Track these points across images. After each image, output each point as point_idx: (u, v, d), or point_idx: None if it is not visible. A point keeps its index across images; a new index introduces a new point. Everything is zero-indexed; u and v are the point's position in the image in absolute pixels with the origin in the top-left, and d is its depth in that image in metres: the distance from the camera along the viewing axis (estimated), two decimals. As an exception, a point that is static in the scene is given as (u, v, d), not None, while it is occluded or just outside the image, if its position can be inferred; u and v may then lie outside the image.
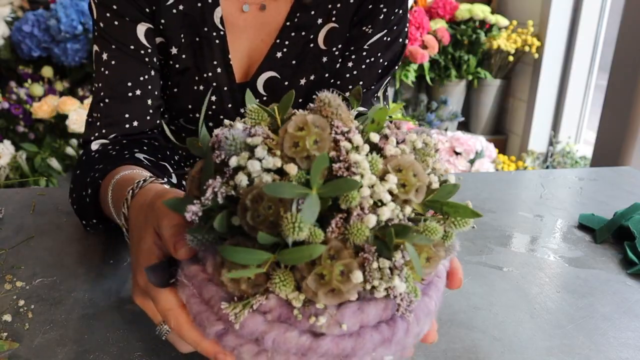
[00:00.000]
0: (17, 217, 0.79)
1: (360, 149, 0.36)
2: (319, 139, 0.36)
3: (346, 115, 0.38)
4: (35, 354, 0.51)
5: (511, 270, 0.69)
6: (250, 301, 0.36)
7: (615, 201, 0.93)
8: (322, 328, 0.35)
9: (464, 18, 2.95)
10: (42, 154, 2.31)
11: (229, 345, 0.38)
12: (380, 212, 0.35)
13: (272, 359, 0.37)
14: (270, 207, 0.34)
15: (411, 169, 0.36)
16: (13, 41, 2.48)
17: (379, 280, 0.34)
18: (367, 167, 0.35)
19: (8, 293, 0.60)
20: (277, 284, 0.34)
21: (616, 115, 2.17)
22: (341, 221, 0.35)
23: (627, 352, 0.55)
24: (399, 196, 0.36)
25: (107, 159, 0.72)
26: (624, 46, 2.14)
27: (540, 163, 2.99)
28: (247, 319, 0.36)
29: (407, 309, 0.37)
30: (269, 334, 0.36)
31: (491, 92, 3.09)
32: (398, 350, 0.39)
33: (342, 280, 0.34)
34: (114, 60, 0.78)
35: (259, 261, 0.34)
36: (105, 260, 0.68)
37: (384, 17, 0.85)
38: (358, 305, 0.36)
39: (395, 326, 0.37)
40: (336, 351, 0.36)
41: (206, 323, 0.38)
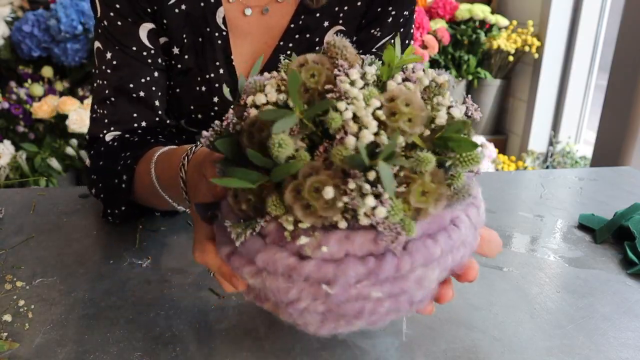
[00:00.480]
0: (17, 217, 0.79)
1: (355, 83, 0.38)
2: (316, 73, 0.38)
3: (352, 56, 0.40)
4: (35, 354, 0.51)
5: (511, 270, 0.69)
6: (252, 223, 0.38)
7: (615, 201, 0.93)
8: (306, 249, 0.37)
9: (464, 18, 2.95)
10: (42, 154, 2.31)
11: (235, 266, 0.41)
12: (361, 134, 0.35)
13: (266, 279, 0.39)
14: (262, 129, 0.37)
15: (403, 99, 0.37)
16: (13, 41, 2.48)
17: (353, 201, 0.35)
18: (359, 96, 0.37)
19: (8, 293, 0.60)
20: (271, 204, 0.36)
21: (616, 115, 2.17)
22: (328, 146, 0.36)
23: (627, 352, 0.55)
24: (388, 125, 0.36)
25: (133, 146, 0.74)
26: (624, 46, 2.14)
27: (540, 163, 2.99)
28: (248, 240, 0.39)
29: (394, 240, 0.36)
30: (261, 254, 0.38)
31: (491, 92, 3.09)
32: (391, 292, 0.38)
33: (315, 196, 0.35)
34: (115, 61, 0.78)
35: (253, 179, 0.36)
36: (105, 260, 0.68)
37: (392, 20, 0.86)
38: (345, 234, 0.37)
39: (384, 260, 0.37)
40: (317, 275, 0.37)
41: (220, 244, 0.42)
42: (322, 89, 0.39)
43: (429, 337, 0.56)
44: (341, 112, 0.36)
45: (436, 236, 0.39)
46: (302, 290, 0.38)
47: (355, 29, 0.86)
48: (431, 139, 0.38)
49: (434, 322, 0.58)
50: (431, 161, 0.35)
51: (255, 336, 0.55)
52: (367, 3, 0.84)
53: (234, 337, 0.55)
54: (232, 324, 0.57)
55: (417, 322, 0.58)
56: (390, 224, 0.36)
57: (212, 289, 0.62)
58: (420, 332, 0.56)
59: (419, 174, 0.36)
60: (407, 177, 0.36)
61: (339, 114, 0.36)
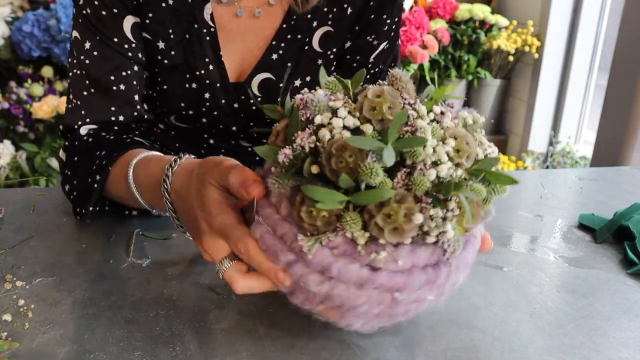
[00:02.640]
0: (17, 217, 0.79)
1: (423, 117, 0.43)
2: (392, 105, 0.43)
3: (412, 90, 0.46)
4: (35, 354, 0.51)
5: (511, 270, 0.69)
6: (321, 237, 0.43)
7: (615, 201, 0.93)
8: (381, 263, 0.43)
9: (464, 18, 2.95)
10: (42, 154, 2.31)
11: (297, 273, 0.45)
12: (439, 168, 0.41)
13: (334, 287, 0.44)
14: (351, 155, 0.41)
15: (465, 138, 0.43)
16: (13, 41, 2.48)
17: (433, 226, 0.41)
18: (430, 132, 0.42)
19: (8, 293, 0.60)
20: (347, 222, 0.41)
21: (616, 115, 2.17)
22: (406, 174, 0.42)
23: (627, 352, 0.55)
24: (453, 159, 0.43)
25: (108, 144, 0.73)
26: (624, 46, 2.14)
27: (540, 163, 2.99)
28: (317, 252, 0.43)
29: (452, 254, 0.44)
30: (335, 264, 0.43)
31: (491, 92, 3.09)
32: (438, 294, 0.46)
33: (405, 220, 0.40)
34: (96, 51, 0.77)
35: (335, 200, 0.41)
36: (105, 260, 0.68)
37: (387, 28, 0.87)
38: (411, 248, 0.43)
39: (439, 270, 0.45)
40: (389, 284, 0.43)
41: (279, 253, 0.45)
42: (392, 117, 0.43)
43: (429, 337, 0.56)
44: (424, 147, 0.41)
45: (467, 247, 0.47)
46: (370, 296, 0.44)
47: (348, 33, 0.87)
48: (470, 169, 0.45)
49: (434, 322, 0.58)
50: (484, 192, 0.43)
51: (255, 336, 0.55)
52: (357, 10, 0.85)
53: (234, 337, 0.55)
54: (232, 324, 0.57)
55: (417, 322, 0.58)
56: (453, 243, 0.43)
57: (213, 289, 0.62)
58: (420, 332, 0.56)
59: (470, 202, 0.43)
60: (459, 202, 0.42)
61: (423, 148, 0.41)
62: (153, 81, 0.84)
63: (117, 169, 0.69)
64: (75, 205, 0.75)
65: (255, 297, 0.61)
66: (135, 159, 0.67)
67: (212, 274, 0.65)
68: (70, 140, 0.79)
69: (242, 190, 0.48)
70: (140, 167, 0.66)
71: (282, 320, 0.57)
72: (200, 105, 0.84)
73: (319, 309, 0.47)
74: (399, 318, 0.48)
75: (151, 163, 0.65)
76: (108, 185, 0.71)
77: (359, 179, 0.40)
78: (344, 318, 0.47)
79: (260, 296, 0.60)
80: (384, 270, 0.43)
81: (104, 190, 0.72)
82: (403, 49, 2.79)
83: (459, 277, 0.47)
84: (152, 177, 0.62)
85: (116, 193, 0.71)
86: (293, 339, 0.55)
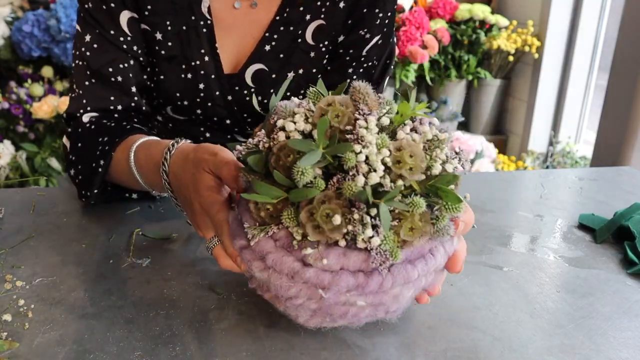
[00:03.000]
0: (17, 217, 0.79)
1: (371, 130, 0.45)
2: (340, 114, 0.45)
3: (372, 102, 0.47)
4: (35, 354, 0.51)
5: (511, 270, 0.69)
6: (266, 228, 0.47)
7: (615, 201, 0.93)
8: (310, 259, 0.46)
9: (464, 18, 2.95)
10: (42, 154, 2.31)
11: (246, 258, 0.50)
12: (369, 176, 0.43)
13: (271, 275, 0.47)
14: (289, 155, 0.45)
15: (409, 151, 0.44)
16: (13, 41, 2.48)
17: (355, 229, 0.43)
18: (372, 142, 0.44)
19: (8, 293, 0.60)
20: (285, 217, 0.45)
21: (616, 115, 2.17)
22: (340, 179, 0.44)
23: (627, 352, 0.55)
24: (393, 170, 0.44)
25: (110, 131, 0.78)
26: (624, 46, 2.14)
27: (540, 163, 2.99)
28: (261, 241, 0.47)
29: (382, 263, 0.45)
30: (271, 255, 0.47)
31: (491, 92, 3.09)
32: (373, 303, 0.47)
33: (325, 220, 0.43)
34: (96, 44, 0.81)
35: (275, 195, 0.45)
36: (105, 260, 0.68)
37: (379, 22, 0.88)
38: (343, 251, 0.45)
39: (371, 277, 0.46)
40: (316, 281, 0.46)
41: (236, 237, 0.51)
42: (343, 128, 0.46)
43: (429, 337, 0.56)
44: (356, 154, 0.43)
45: (415, 262, 0.48)
46: (300, 290, 0.47)
47: (341, 26, 0.88)
48: (425, 184, 0.46)
49: (434, 322, 0.58)
50: (422, 206, 0.44)
51: (255, 336, 0.55)
52: (350, 3, 0.86)
53: (234, 337, 0.55)
54: (232, 324, 0.57)
55: (417, 322, 0.58)
56: (381, 250, 0.44)
57: (213, 289, 0.62)
58: (420, 332, 0.57)
59: (410, 213, 0.44)
60: (400, 214, 0.45)
61: (355, 155, 0.43)
62: (151, 72, 0.86)
63: (119, 154, 0.74)
64: (80, 188, 0.80)
65: (255, 297, 0.61)
66: (136, 143, 0.72)
67: (212, 274, 0.65)
68: (73, 127, 0.83)
69: (233, 184, 0.53)
70: (140, 151, 0.71)
71: (282, 320, 0.57)
72: (195, 95, 0.86)
73: (268, 296, 0.51)
74: (342, 320, 0.50)
75: (151, 147, 0.70)
76: (111, 169, 0.76)
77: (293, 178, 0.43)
78: (288, 309, 0.50)
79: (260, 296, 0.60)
80: (313, 267, 0.46)
81: (107, 174, 0.77)
82: (403, 49, 2.79)
83: (404, 292, 0.48)
84: (152, 160, 0.67)
85: (118, 176, 0.76)
86: (293, 339, 0.55)
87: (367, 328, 0.56)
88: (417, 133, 0.47)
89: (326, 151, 0.44)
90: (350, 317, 0.49)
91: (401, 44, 2.79)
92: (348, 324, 0.51)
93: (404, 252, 0.46)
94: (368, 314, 0.49)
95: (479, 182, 1.00)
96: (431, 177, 0.46)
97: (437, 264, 0.50)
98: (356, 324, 0.51)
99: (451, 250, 0.51)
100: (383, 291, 0.47)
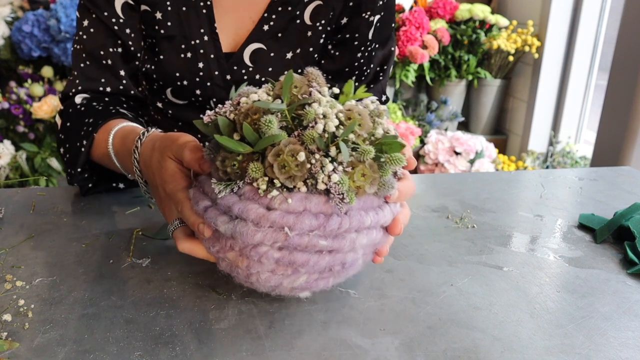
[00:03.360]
0: (17, 217, 0.79)
1: (323, 94, 0.52)
2: (298, 85, 0.52)
3: (322, 82, 0.54)
4: (35, 354, 0.51)
5: (511, 270, 0.69)
6: (231, 184, 0.51)
7: (615, 201, 0.93)
8: (276, 203, 0.50)
9: (464, 18, 2.95)
10: (42, 154, 2.31)
11: (210, 216, 0.53)
12: (327, 125, 0.49)
13: (237, 225, 0.51)
14: (255, 113, 0.50)
15: (357, 110, 0.52)
16: (13, 41, 2.48)
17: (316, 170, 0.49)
18: (325, 103, 0.51)
19: (8, 293, 0.60)
20: (251, 169, 0.49)
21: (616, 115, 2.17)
22: (301, 132, 0.50)
23: (627, 352, 0.55)
24: (345, 124, 0.51)
25: (96, 113, 0.82)
26: (624, 46, 2.14)
27: (540, 163, 2.99)
28: (226, 196, 0.51)
29: (340, 202, 0.50)
30: (237, 204, 0.51)
31: (491, 92, 3.09)
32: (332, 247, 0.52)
33: (291, 159, 0.48)
34: (92, 29, 0.86)
35: (244, 148, 0.50)
36: (105, 260, 0.68)
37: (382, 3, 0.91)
38: (305, 195, 0.50)
39: (331, 218, 0.51)
40: (281, 222, 0.50)
41: (199, 201, 0.54)
42: (300, 97, 0.52)
43: (429, 337, 0.56)
44: (314, 109, 0.50)
45: (367, 211, 0.53)
46: (266, 234, 0.50)
47: (341, 7, 0.90)
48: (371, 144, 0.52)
49: (434, 322, 0.58)
50: (371, 152, 0.50)
51: (255, 336, 0.55)
52: None
53: (233, 337, 0.55)
54: (232, 324, 0.57)
55: (417, 322, 0.58)
56: (339, 190, 0.49)
57: (213, 289, 0.62)
58: (420, 332, 0.57)
59: (362, 162, 0.50)
60: (353, 163, 0.50)
61: (313, 110, 0.50)
62: (150, 54, 0.89)
63: (100, 135, 0.78)
64: (66, 166, 0.83)
65: (255, 297, 0.61)
66: (115, 128, 0.75)
67: (212, 274, 0.65)
68: (65, 107, 0.87)
69: (195, 165, 0.56)
70: (117, 137, 0.74)
71: (282, 320, 0.57)
72: (194, 75, 0.89)
73: (230, 256, 0.54)
74: (303, 270, 0.53)
75: (126, 134, 0.73)
76: (93, 150, 0.80)
77: (260, 132, 0.49)
78: (249, 266, 0.53)
79: (260, 296, 0.60)
80: (278, 210, 0.50)
81: (91, 154, 0.81)
82: (403, 49, 2.79)
83: (359, 238, 0.53)
84: (126, 147, 0.70)
85: (100, 158, 0.80)
86: (293, 339, 0.55)
87: (367, 328, 0.56)
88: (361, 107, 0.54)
89: (289, 108, 0.51)
90: (312, 267, 0.52)
91: (401, 44, 2.79)
92: (306, 286, 0.55)
93: (357, 201, 0.52)
94: (328, 263, 0.53)
95: (479, 182, 1.00)
96: (375, 139, 0.53)
97: (385, 219, 0.55)
98: (314, 286, 0.55)
99: (396, 211, 0.57)
100: (341, 234, 0.52)
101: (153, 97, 0.93)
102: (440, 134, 2.84)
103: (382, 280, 0.66)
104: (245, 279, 0.55)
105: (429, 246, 0.75)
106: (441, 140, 2.79)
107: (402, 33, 2.77)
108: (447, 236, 0.78)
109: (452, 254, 0.73)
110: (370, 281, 0.65)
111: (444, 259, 0.71)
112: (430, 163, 2.81)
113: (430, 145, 2.80)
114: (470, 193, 0.95)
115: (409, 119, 2.90)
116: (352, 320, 0.58)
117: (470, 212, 0.87)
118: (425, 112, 3.03)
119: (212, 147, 0.53)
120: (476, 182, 1.00)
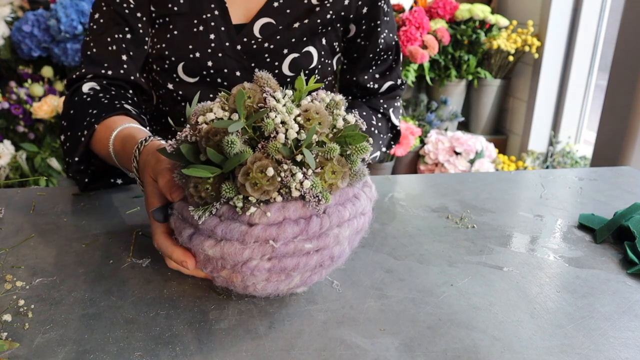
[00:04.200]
0: (17, 217, 0.79)
1: (279, 100, 0.53)
2: (251, 95, 0.53)
3: (274, 85, 0.55)
4: (35, 354, 0.51)
5: (511, 270, 0.69)
6: (209, 207, 0.52)
7: (615, 201, 0.93)
8: (256, 218, 0.51)
9: (464, 18, 2.95)
10: (42, 154, 2.31)
11: (196, 243, 0.53)
12: (288, 133, 0.50)
13: (224, 247, 0.51)
14: (215, 135, 0.51)
15: (314, 109, 0.52)
16: (13, 41, 2.48)
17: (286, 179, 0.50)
18: (283, 109, 0.51)
19: (8, 293, 0.60)
20: (224, 189, 0.50)
21: (616, 115, 2.17)
22: (264, 144, 0.51)
23: (627, 352, 0.55)
24: (304, 126, 0.51)
25: (101, 105, 0.84)
26: (624, 46, 2.14)
27: (540, 163, 2.99)
28: (207, 220, 0.52)
29: (317, 205, 0.51)
30: (219, 226, 0.51)
31: (491, 92, 3.08)
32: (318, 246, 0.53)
33: (260, 176, 0.49)
34: (102, 19, 0.92)
35: (212, 172, 0.50)
36: (105, 260, 0.68)
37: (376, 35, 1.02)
38: (282, 204, 0.51)
39: (311, 221, 0.52)
40: (264, 235, 0.51)
41: (182, 230, 0.55)
42: (256, 107, 0.53)
43: (429, 337, 0.56)
44: (273, 119, 0.50)
45: (345, 204, 0.55)
46: (253, 250, 0.51)
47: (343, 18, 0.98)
48: (334, 138, 0.54)
49: (434, 322, 0.58)
50: (337, 149, 0.51)
51: (255, 336, 0.55)
52: None
53: (233, 336, 0.55)
54: (232, 324, 0.57)
55: (417, 322, 0.58)
56: (313, 193, 0.50)
57: (213, 289, 0.62)
58: (420, 332, 0.57)
59: (329, 160, 0.52)
60: (321, 163, 0.52)
61: (272, 120, 0.50)
62: (164, 31, 0.93)
63: (102, 128, 0.79)
64: (65, 154, 0.85)
65: (255, 297, 0.61)
66: (117, 129, 0.77)
67: (212, 274, 0.65)
68: (71, 94, 0.89)
69: (167, 194, 0.57)
70: (118, 139, 0.76)
71: (282, 320, 0.57)
72: (206, 46, 0.93)
73: (224, 274, 0.55)
74: (295, 274, 0.54)
75: (128, 138, 0.74)
76: (94, 142, 0.81)
77: (225, 153, 0.49)
78: (245, 279, 0.54)
79: (260, 296, 0.60)
80: (259, 224, 0.51)
81: (91, 145, 0.82)
82: (403, 49, 2.79)
83: (342, 232, 0.54)
84: (126, 153, 0.72)
85: (99, 151, 0.81)
86: (293, 339, 0.55)
87: (367, 328, 0.56)
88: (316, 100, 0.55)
89: (247, 123, 0.51)
90: (303, 268, 0.53)
91: (401, 44, 2.79)
92: (302, 283, 0.56)
93: (333, 197, 0.53)
94: (317, 261, 0.54)
95: (479, 182, 1.00)
96: (337, 131, 0.54)
97: (363, 207, 0.57)
98: (309, 281, 0.56)
99: (372, 196, 0.59)
100: (324, 233, 0.53)
101: (164, 79, 0.96)
102: (440, 134, 2.84)
103: (382, 280, 0.66)
104: (243, 290, 0.57)
105: (429, 246, 0.75)
106: (441, 140, 2.79)
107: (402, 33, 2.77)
108: (447, 236, 0.78)
109: (452, 254, 0.73)
110: (370, 281, 0.65)
111: (444, 259, 0.71)
112: (430, 163, 2.81)
113: (430, 145, 2.80)
114: (470, 193, 0.95)
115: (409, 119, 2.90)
116: (352, 320, 0.58)
117: (470, 212, 0.87)
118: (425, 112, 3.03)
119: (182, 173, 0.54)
120: (476, 182, 1.00)
